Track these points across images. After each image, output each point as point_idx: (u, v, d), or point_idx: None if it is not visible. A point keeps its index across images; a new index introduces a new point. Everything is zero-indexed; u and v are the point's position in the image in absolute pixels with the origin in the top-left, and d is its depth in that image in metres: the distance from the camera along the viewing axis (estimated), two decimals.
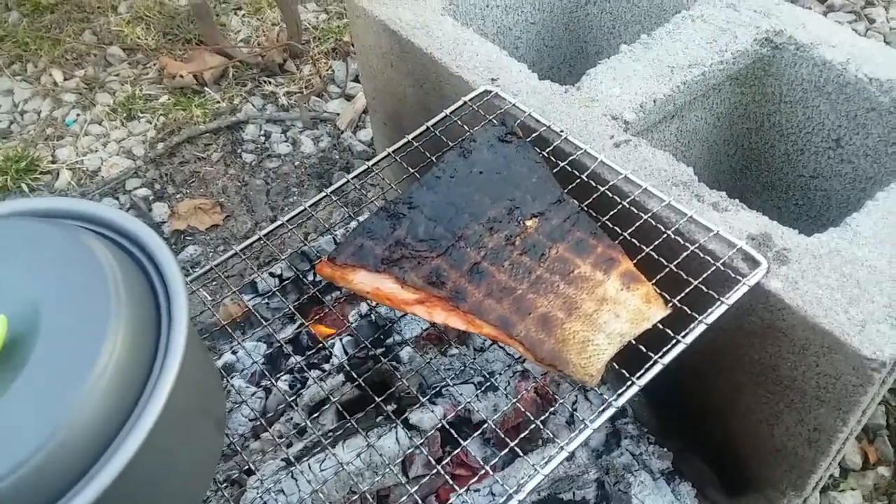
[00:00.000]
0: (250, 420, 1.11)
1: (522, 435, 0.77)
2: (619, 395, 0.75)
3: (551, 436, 0.77)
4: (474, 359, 1.12)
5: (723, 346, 0.92)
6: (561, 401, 0.81)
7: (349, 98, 2.03)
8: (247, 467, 1.00)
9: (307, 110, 1.99)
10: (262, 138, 1.92)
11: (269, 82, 2.09)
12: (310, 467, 0.98)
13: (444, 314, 0.79)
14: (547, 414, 0.77)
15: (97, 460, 0.54)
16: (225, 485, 0.98)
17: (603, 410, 0.74)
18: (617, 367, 0.77)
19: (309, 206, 0.98)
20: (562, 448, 0.73)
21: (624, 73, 1.10)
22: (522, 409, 0.79)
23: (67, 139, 1.96)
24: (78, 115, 2.02)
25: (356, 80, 2.08)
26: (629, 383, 0.75)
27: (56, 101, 2.06)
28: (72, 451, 0.53)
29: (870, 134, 1.11)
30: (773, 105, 1.22)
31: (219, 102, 2.02)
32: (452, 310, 0.79)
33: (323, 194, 0.99)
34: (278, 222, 0.96)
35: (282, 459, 1.03)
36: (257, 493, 0.98)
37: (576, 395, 1.11)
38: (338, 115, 1.97)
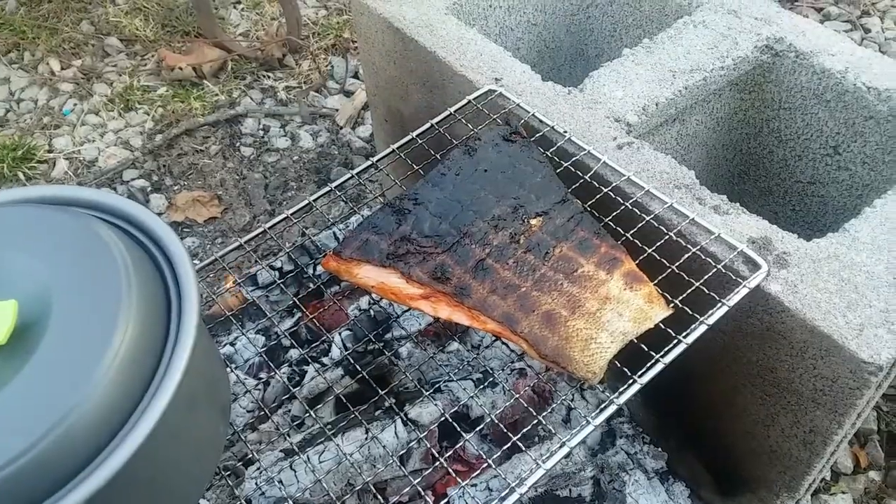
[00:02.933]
0: (248, 411, 1.11)
1: (524, 430, 0.77)
2: (621, 392, 0.75)
3: (552, 432, 0.78)
4: (476, 356, 1.13)
5: (721, 348, 0.93)
6: (563, 398, 0.82)
7: (348, 94, 2.03)
8: (249, 456, 1.01)
9: (306, 105, 1.99)
10: (261, 132, 1.92)
11: (268, 77, 2.09)
12: (309, 458, 0.98)
13: (448, 310, 0.80)
14: (548, 411, 0.77)
15: (108, 444, 0.54)
16: (228, 473, 0.98)
17: (605, 407, 0.75)
18: (619, 365, 0.77)
19: (313, 200, 0.99)
20: (563, 443, 0.73)
21: (626, 77, 1.11)
22: (525, 405, 0.80)
23: (64, 129, 1.95)
24: (75, 104, 2.01)
25: (356, 76, 2.08)
26: (630, 381, 0.76)
27: (53, 91, 2.05)
28: (83, 434, 0.53)
29: (867, 142, 1.13)
30: (772, 111, 1.23)
31: (217, 95, 2.02)
32: (457, 305, 0.80)
33: (328, 188, 0.99)
34: (283, 215, 0.96)
35: (281, 450, 1.03)
36: (256, 483, 0.98)
37: (572, 394, 1.12)
38: (337, 110, 1.97)
